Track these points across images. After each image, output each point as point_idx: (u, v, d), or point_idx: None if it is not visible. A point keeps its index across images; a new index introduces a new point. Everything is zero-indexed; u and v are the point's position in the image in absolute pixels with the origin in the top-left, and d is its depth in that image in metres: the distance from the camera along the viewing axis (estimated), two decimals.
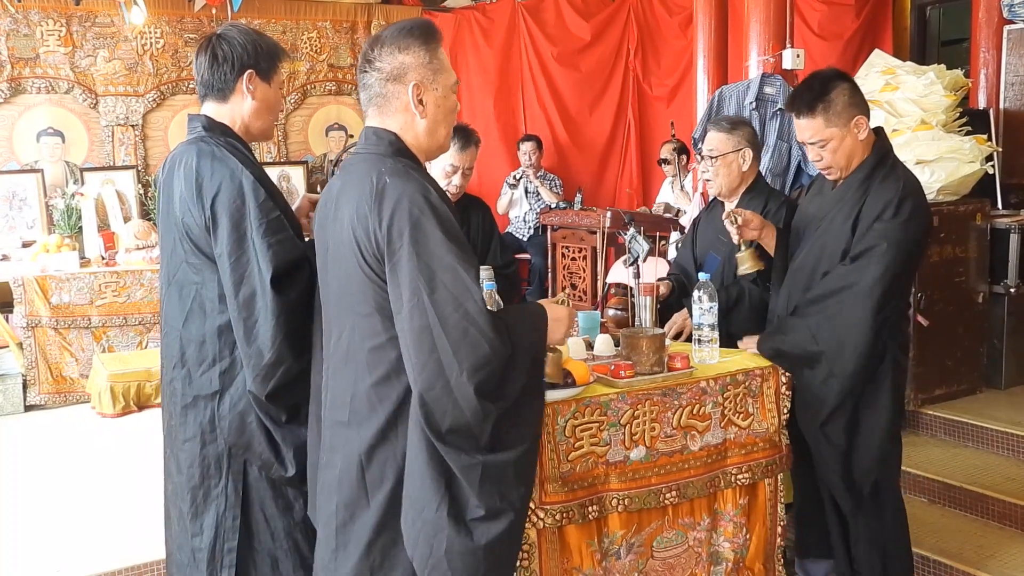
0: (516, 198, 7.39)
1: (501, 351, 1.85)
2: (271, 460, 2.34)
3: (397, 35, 2.02)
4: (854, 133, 2.81)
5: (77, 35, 6.55)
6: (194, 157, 2.33)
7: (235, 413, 2.33)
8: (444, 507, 1.87)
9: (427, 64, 2.02)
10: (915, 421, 4.42)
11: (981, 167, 4.43)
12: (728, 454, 2.60)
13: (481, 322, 1.82)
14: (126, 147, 6.74)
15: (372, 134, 2.05)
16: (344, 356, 2.02)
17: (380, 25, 7.46)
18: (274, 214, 2.30)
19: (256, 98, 2.45)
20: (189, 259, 2.36)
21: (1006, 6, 5.34)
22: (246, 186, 2.29)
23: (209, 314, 2.35)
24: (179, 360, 2.39)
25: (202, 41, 2.48)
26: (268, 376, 2.26)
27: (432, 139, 2.08)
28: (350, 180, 2.00)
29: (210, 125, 2.43)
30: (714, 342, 2.75)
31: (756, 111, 4.63)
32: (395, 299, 1.87)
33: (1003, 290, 4.66)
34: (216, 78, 2.42)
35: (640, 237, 3.07)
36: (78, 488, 4.13)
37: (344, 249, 1.96)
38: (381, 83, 2.02)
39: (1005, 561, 3.34)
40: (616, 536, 2.44)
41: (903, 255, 2.72)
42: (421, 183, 1.93)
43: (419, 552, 1.89)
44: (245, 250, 2.27)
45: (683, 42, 7.25)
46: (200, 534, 2.37)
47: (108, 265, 5.94)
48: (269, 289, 2.24)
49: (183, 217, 2.34)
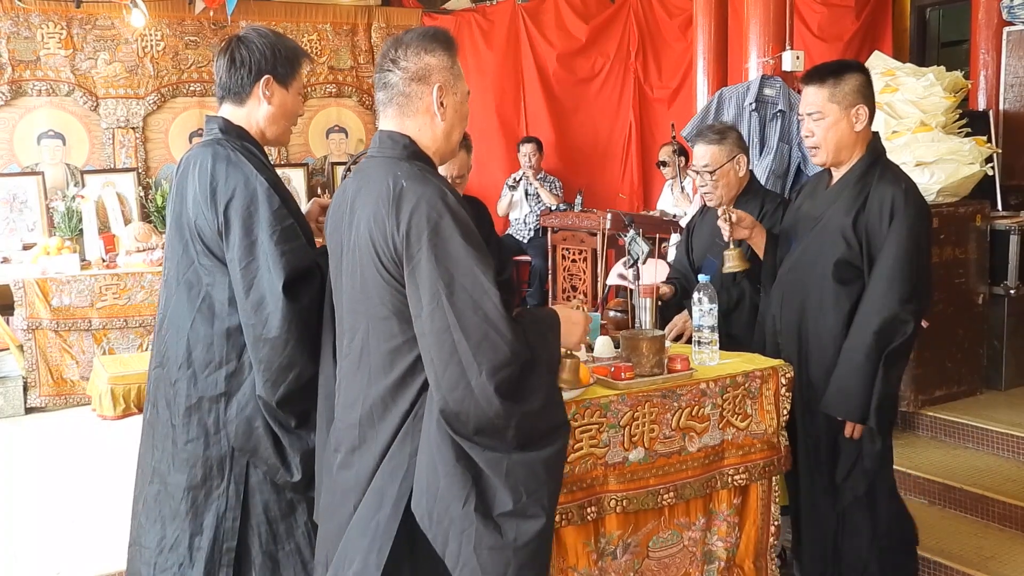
0: (516, 200, 7.39)
1: (521, 353, 1.86)
2: (277, 465, 2.34)
3: (422, 38, 2.03)
4: (851, 121, 2.83)
5: (78, 38, 6.56)
6: (209, 160, 2.33)
7: (242, 417, 2.33)
8: (472, 502, 1.86)
9: (449, 68, 2.04)
10: (915, 422, 4.42)
11: (981, 169, 4.43)
12: (725, 455, 2.60)
13: (500, 324, 1.83)
14: (127, 149, 6.74)
15: (387, 138, 2.05)
16: (358, 358, 2.02)
17: (380, 27, 7.47)
18: (287, 222, 2.30)
19: (272, 104, 2.45)
20: (201, 260, 2.36)
21: (1005, 8, 5.35)
22: (260, 193, 2.29)
23: (218, 316, 2.35)
24: (185, 360, 2.38)
25: (223, 43, 2.48)
26: (278, 382, 2.27)
27: (448, 142, 2.10)
28: (365, 184, 2.00)
29: (227, 128, 2.43)
30: (714, 344, 2.75)
31: (756, 112, 4.64)
32: (414, 303, 1.88)
33: (1003, 291, 4.67)
34: (233, 81, 2.42)
35: (640, 239, 3.07)
36: (78, 490, 4.13)
37: (360, 252, 1.96)
38: (405, 82, 2.02)
39: (1005, 562, 3.34)
40: (613, 536, 2.44)
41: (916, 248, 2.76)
42: (438, 186, 1.93)
43: (449, 550, 1.89)
44: (256, 256, 2.27)
45: (683, 44, 7.26)
46: (200, 533, 2.37)
47: (109, 267, 5.94)
48: (281, 296, 2.24)
49: (196, 219, 2.34)
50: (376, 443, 1.99)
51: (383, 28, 7.49)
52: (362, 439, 2.02)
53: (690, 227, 3.72)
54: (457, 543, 1.88)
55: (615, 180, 7.93)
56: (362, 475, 2.01)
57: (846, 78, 2.84)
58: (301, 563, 2.40)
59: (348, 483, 2.05)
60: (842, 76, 2.84)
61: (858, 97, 2.83)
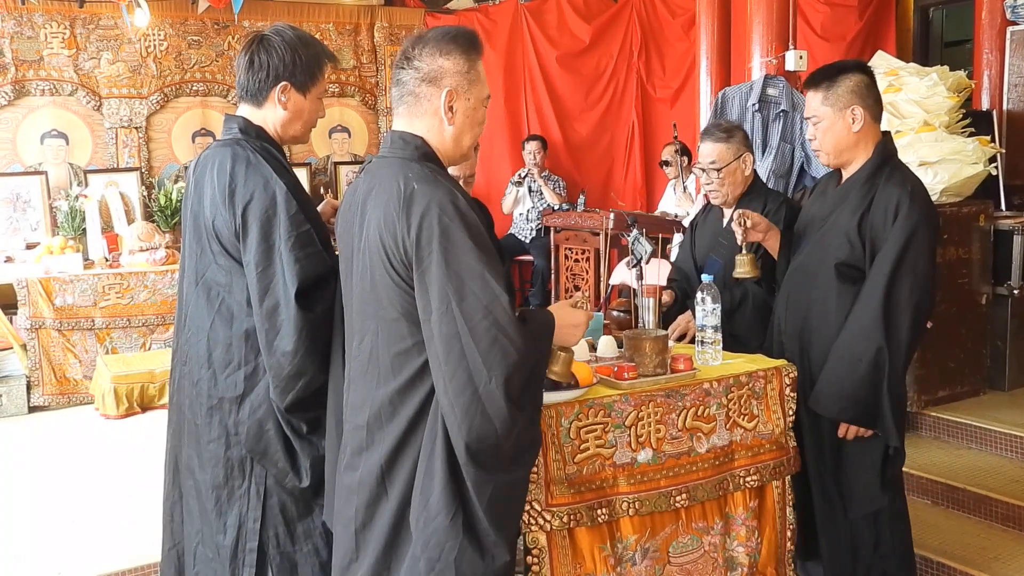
0: (520, 196, 7.40)
1: (530, 357, 1.85)
2: (287, 469, 2.34)
3: (441, 38, 2.01)
4: (847, 122, 2.82)
5: (81, 37, 6.57)
6: (228, 160, 2.32)
7: (254, 420, 2.33)
8: (460, 517, 1.88)
9: (464, 72, 2.01)
10: (918, 423, 4.42)
11: (984, 168, 4.42)
12: (735, 456, 2.60)
13: (510, 329, 1.82)
14: (130, 149, 6.75)
15: (399, 138, 2.04)
16: (367, 360, 2.01)
17: (383, 27, 7.47)
18: (304, 227, 2.29)
19: (288, 109, 2.44)
20: (218, 260, 2.36)
21: (1009, 7, 5.34)
22: (279, 197, 2.28)
23: (236, 317, 2.34)
24: (206, 361, 2.38)
25: (247, 40, 2.45)
26: (288, 388, 2.27)
27: (457, 147, 2.08)
28: (376, 184, 1.99)
29: (246, 128, 2.42)
30: (717, 344, 2.75)
31: (759, 113, 4.64)
32: (423, 306, 1.87)
33: (1006, 291, 4.66)
34: (251, 84, 2.42)
35: (643, 239, 3.07)
36: (82, 489, 4.14)
37: (371, 254, 1.95)
38: (416, 82, 2.01)
39: (1008, 563, 3.34)
40: (630, 541, 2.42)
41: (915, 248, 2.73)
42: (449, 189, 1.92)
43: (427, 555, 1.90)
44: (273, 261, 2.26)
45: (686, 44, 7.25)
46: (223, 532, 2.38)
47: (112, 267, 5.95)
48: (293, 303, 2.23)
49: (213, 220, 2.33)
50: (383, 445, 1.98)
51: (386, 28, 7.49)
52: (369, 441, 2.01)
53: (693, 226, 3.72)
54: (439, 550, 1.89)
55: (618, 180, 7.93)
56: (366, 477, 2.01)
57: (840, 80, 2.82)
58: (319, 564, 2.40)
59: (352, 484, 2.05)
60: (836, 79, 2.83)
61: (853, 98, 2.81)
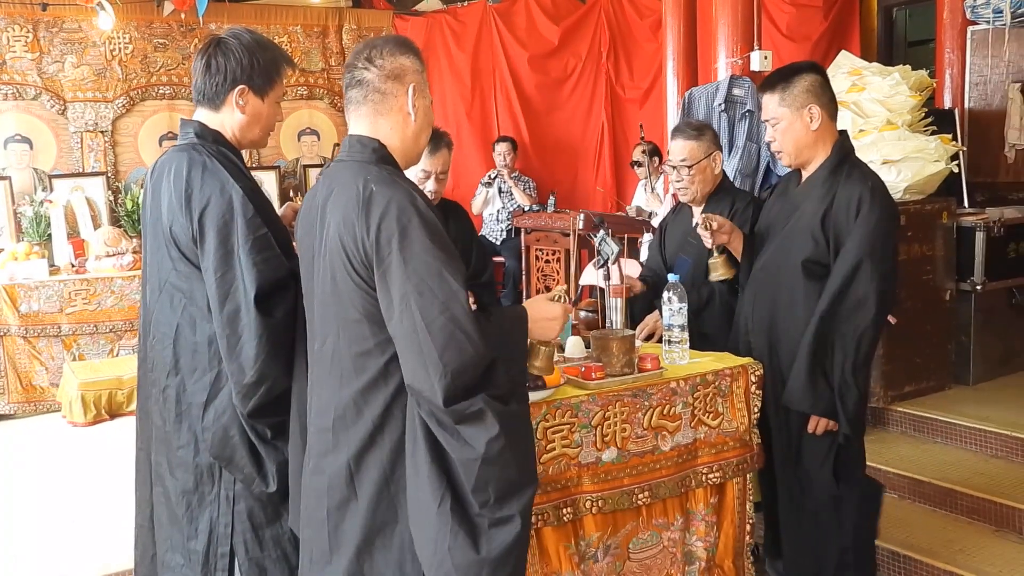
0: (491, 196, 7.40)
1: (487, 355, 1.86)
2: (253, 475, 2.32)
3: (395, 41, 2.09)
4: (805, 121, 2.86)
5: (44, 40, 6.48)
6: (185, 165, 2.30)
7: (219, 425, 2.32)
8: (447, 503, 1.87)
9: (420, 72, 2.09)
10: (885, 418, 4.47)
11: (947, 166, 4.49)
12: (698, 453, 2.62)
13: (467, 325, 1.84)
14: (95, 153, 6.67)
15: (356, 142, 2.06)
16: (329, 362, 2.02)
17: (352, 29, 7.44)
18: (261, 231, 2.28)
19: (246, 113, 2.42)
20: (177, 266, 2.34)
21: (969, 7, 5.41)
22: (236, 201, 2.27)
23: (199, 323, 2.33)
24: (173, 367, 2.37)
25: (203, 43, 2.44)
26: (250, 394, 2.25)
27: (416, 144, 2.13)
28: (335, 188, 2.00)
29: (202, 132, 2.41)
30: (684, 343, 2.77)
31: (725, 113, 4.67)
32: (386, 306, 1.89)
33: (970, 287, 4.73)
34: (208, 87, 2.40)
35: (610, 239, 3.08)
36: (50, 498, 4.09)
37: (332, 256, 1.97)
38: (382, 79, 2.04)
39: (973, 555, 3.38)
40: (592, 539, 2.45)
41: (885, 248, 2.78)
42: (407, 190, 1.94)
43: (425, 552, 1.90)
44: (232, 266, 2.25)
45: (655, 45, 7.29)
46: (195, 537, 2.37)
47: (78, 273, 5.88)
48: (254, 308, 2.22)
49: (171, 225, 2.32)
50: (348, 447, 1.98)
51: (354, 30, 7.46)
52: (335, 443, 2.01)
53: (663, 227, 3.74)
54: (432, 543, 1.88)
55: (588, 180, 7.95)
56: (335, 479, 2.01)
57: (794, 81, 2.87)
58: (288, 570, 2.39)
59: (321, 488, 2.05)
60: (790, 80, 2.88)
61: (809, 97, 2.86)
